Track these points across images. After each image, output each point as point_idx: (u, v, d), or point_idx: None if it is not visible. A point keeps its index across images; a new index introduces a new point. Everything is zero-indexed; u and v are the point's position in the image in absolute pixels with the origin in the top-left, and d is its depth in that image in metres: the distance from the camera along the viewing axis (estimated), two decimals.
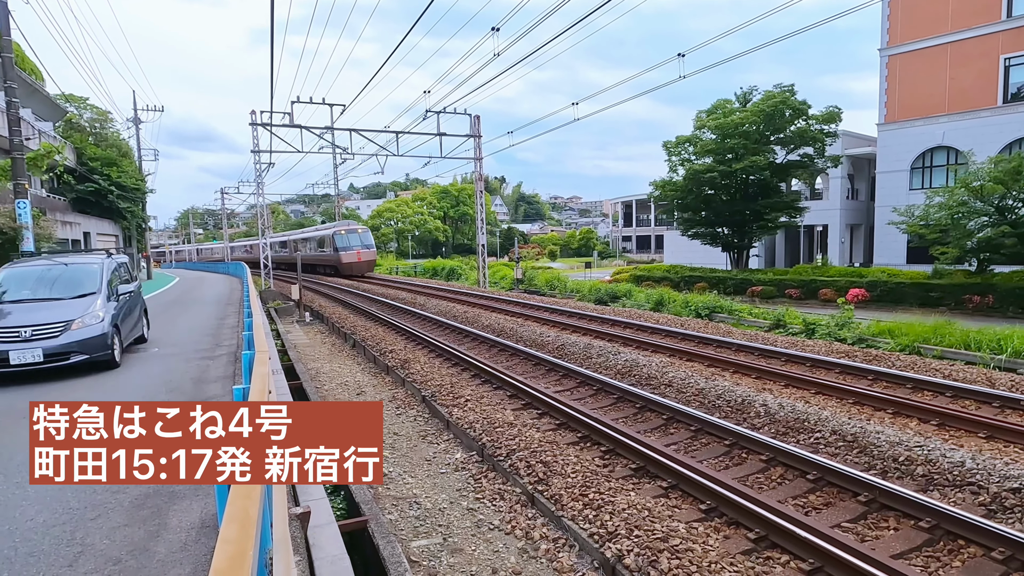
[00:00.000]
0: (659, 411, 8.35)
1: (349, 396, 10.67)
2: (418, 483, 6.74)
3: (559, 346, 13.00)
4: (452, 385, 10.35)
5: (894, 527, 5.14)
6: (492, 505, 6.10)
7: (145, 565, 3.61)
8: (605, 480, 6.04)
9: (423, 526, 5.75)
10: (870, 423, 6.96)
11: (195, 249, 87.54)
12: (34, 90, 26.99)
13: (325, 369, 13.05)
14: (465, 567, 5.02)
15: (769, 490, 5.98)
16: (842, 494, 5.73)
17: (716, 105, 30.06)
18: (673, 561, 4.50)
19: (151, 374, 9.15)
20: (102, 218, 33.74)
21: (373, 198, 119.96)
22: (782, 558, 4.72)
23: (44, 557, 3.73)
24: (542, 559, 5.06)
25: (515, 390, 9.77)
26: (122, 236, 38.25)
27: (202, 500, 4.51)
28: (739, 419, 7.93)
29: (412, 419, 9.15)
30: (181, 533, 4.01)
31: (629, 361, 10.97)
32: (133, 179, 35.54)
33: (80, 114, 35.77)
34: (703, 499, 5.69)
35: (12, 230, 16.52)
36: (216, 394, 7.76)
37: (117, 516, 4.30)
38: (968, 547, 4.72)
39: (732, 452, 6.92)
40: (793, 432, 7.33)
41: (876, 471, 6.16)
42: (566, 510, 5.54)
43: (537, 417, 8.63)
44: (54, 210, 25.49)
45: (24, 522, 4.22)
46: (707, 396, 8.84)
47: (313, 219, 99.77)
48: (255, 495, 1.86)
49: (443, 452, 7.70)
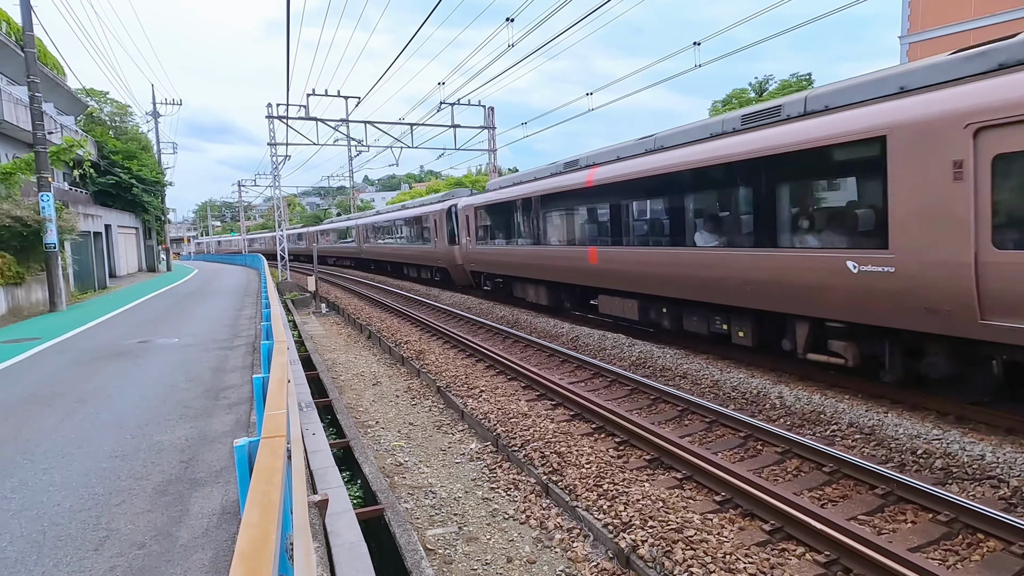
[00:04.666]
0: (673, 402, 8.33)
1: (365, 386, 10.77)
2: (433, 472, 6.80)
3: (573, 337, 13.00)
4: (467, 376, 10.41)
5: (911, 520, 5.10)
6: (507, 495, 6.14)
7: (168, 549, 3.70)
8: (619, 471, 6.06)
9: (438, 515, 5.81)
10: (888, 415, 6.89)
11: (242, 240, 75.08)
12: (56, 85, 27.37)
13: (341, 359, 13.17)
14: (480, 555, 5.07)
15: (785, 482, 5.96)
16: (859, 487, 5.70)
17: (732, 95, 29.82)
18: (688, 552, 4.51)
19: (171, 363, 9.30)
20: (123, 211, 34.24)
21: (388, 190, 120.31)
22: (797, 550, 4.71)
23: (71, 541, 3.83)
24: (556, 548, 5.09)
25: (529, 381, 9.80)
26: (142, 228, 38.83)
27: (223, 487, 4.59)
28: (754, 411, 7.90)
29: (427, 409, 9.22)
30: (203, 519, 4.10)
31: (643, 352, 10.94)
32: (153, 172, 36.02)
33: (100, 108, 36.24)
34: (718, 490, 5.68)
35: (36, 222, 16.84)
36: (235, 383, 7.88)
37: (140, 502, 4.40)
38: (987, 541, 4.68)
39: (747, 444, 6.90)
40: (809, 424, 7.29)
41: (894, 464, 6.11)
42: (580, 500, 5.57)
43: (551, 408, 8.66)
44: (76, 203, 25.91)
45: (52, 507, 4.33)
46: (722, 388, 8.81)
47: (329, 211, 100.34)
48: (276, 481, 1.90)
49: (458, 442, 7.75)
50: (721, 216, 9.53)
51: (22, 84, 19.48)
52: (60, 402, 7.22)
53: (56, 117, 25.89)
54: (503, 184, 18.29)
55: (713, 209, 9.77)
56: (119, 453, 5.42)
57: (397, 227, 29.43)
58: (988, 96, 5.81)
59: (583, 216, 13.50)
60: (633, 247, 11.50)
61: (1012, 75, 5.75)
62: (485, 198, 18.94)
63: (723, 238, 9.34)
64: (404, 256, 29.11)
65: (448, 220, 22.05)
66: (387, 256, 32.16)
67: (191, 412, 6.67)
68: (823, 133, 7.43)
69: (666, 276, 10.40)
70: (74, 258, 22.35)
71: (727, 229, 9.31)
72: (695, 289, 9.85)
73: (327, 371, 11.46)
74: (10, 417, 6.63)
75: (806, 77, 30.08)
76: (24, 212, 16.88)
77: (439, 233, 23.03)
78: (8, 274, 15.77)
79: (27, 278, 16.90)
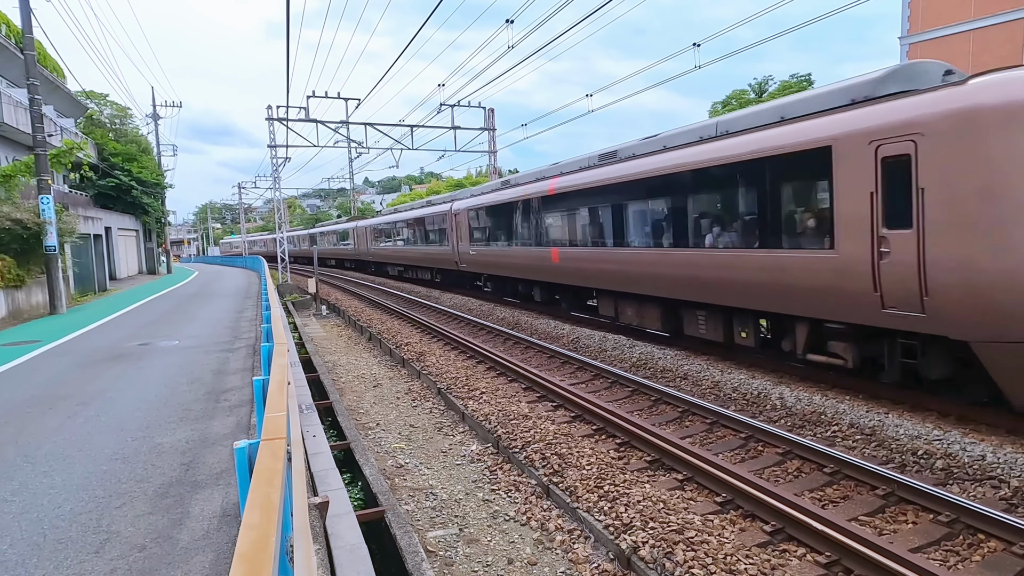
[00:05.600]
0: (674, 404, 8.33)
1: (365, 388, 10.77)
2: (434, 474, 6.80)
3: (574, 339, 13.00)
4: (467, 378, 10.41)
5: (912, 521, 5.10)
6: (507, 496, 6.14)
7: (169, 552, 3.69)
8: (620, 472, 6.06)
9: (439, 517, 5.81)
10: (888, 416, 6.89)
11: (242, 242, 72.16)
12: (56, 87, 27.40)
13: (342, 362, 13.17)
14: (481, 557, 5.07)
15: (785, 483, 5.95)
16: (859, 487, 5.69)
17: (731, 96, 29.87)
18: (688, 553, 4.51)
19: (172, 365, 9.31)
20: (123, 213, 34.26)
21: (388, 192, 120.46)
22: (798, 551, 4.71)
23: (72, 544, 3.83)
24: (557, 550, 5.09)
25: (530, 383, 9.80)
26: (143, 230, 38.85)
27: (223, 490, 4.60)
28: (755, 412, 7.90)
29: (428, 411, 9.22)
30: (203, 521, 4.10)
31: (644, 354, 10.94)
32: (153, 174, 36.06)
33: (100, 110, 36.29)
34: (719, 492, 5.68)
35: (36, 225, 16.85)
36: (236, 385, 7.88)
37: (141, 504, 4.40)
38: (988, 541, 4.67)
39: (748, 445, 6.90)
40: (810, 425, 7.29)
41: (895, 465, 6.11)
42: (581, 502, 5.57)
43: (552, 409, 8.66)
44: (76, 205, 25.92)
45: (52, 510, 4.33)
46: (722, 389, 8.81)
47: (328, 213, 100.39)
48: (277, 482, 1.90)
49: (459, 444, 7.75)
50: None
51: (22, 87, 19.51)
52: (61, 405, 7.22)
53: (56, 119, 25.90)
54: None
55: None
56: (120, 455, 5.42)
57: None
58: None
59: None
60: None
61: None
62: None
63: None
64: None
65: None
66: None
67: (192, 414, 6.67)
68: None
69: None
70: (74, 261, 22.37)
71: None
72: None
73: (328, 373, 11.46)
74: (11, 420, 6.63)
75: (806, 78, 30.15)
76: (24, 215, 16.89)
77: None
78: (8, 277, 15.78)
79: (27, 281, 16.91)
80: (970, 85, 6.21)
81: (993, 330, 6.03)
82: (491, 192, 19.20)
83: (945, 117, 6.18)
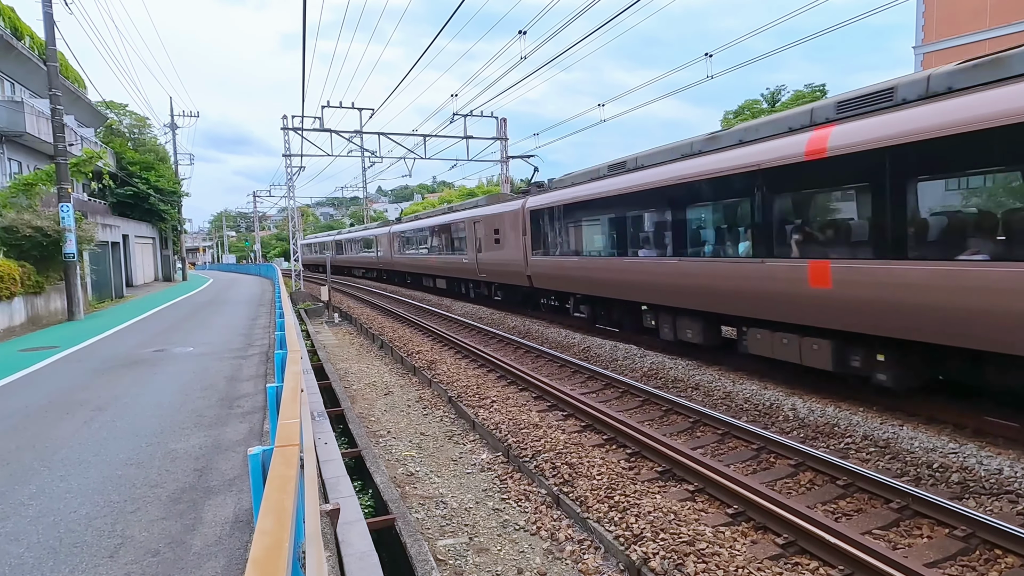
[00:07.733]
0: (685, 414, 8.29)
1: (376, 396, 10.82)
2: (444, 483, 6.81)
3: (584, 348, 12.98)
4: (478, 386, 10.42)
5: (928, 535, 5.03)
6: (518, 506, 6.13)
7: (182, 557, 3.73)
8: (631, 483, 6.03)
9: (449, 525, 5.81)
10: (903, 428, 6.81)
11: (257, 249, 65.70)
12: (77, 98, 27.91)
13: (354, 369, 13.23)
14: (491, 567, 5.06)
15: (798, 495, 5.90)
16: (873, 500, 5.63)
17: (744, 106, 29.78)
18: (700, 565, 4.48)
19: (186, 372, 9.40)
20: (140, 221, 34.74)
21: (400, 200, 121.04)
22: (811, 564, 4.66)
23: (87, 548, 3.89)
24: (567, 560, 5.07)
25: (541, 392, 9.80)
26: (159, 238, 39.35)
27: (236, 496, 4.64)
28: (767, 423, 7.84)
29: (439, 420, 9.23)
30: (216, 527, 4.14)
31: (655, 364, 10.90)
32: (170, 182, 36.57)
33: (120, 120, 36.92)
34: (730, 503, 5.64)
35: (56, 232, 17.15)
36: (248, 392, 7.95)
37: (155, 510, 4.45)
38: (1005, 557, 4.60)
39: (760, 456, 6.84)
40: (823, 437, 7.22)
41: (909, 478, 6.03)
42: (591, 512, 5.55)
43: (563, 419, 8.65)
44: (95, 213, 26.32)
45: (68, 514, 4.39)
46: (734, 400, 8.75)
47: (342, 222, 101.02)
48: (290, 489, 1.93)
49: (469, 452, 7.76)
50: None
51: (44, 97, 19.91)
52: (78, 410, 7.33)
53: (76, 129, 26.37)
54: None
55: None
56: (135, 461, 5.49)
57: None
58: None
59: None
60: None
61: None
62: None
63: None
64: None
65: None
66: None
67: (205, 421, 6.74)
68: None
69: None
70: (92, 268, 22.71)
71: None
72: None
73: (339, 381, 11.51)
74: (30, 425, 6.74)
75: (820, 87, 30.01)
76: (44, 222, 17.20)
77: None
78: (28, 283, 16.05)
79: (46, 287, 17.18)
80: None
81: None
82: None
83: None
